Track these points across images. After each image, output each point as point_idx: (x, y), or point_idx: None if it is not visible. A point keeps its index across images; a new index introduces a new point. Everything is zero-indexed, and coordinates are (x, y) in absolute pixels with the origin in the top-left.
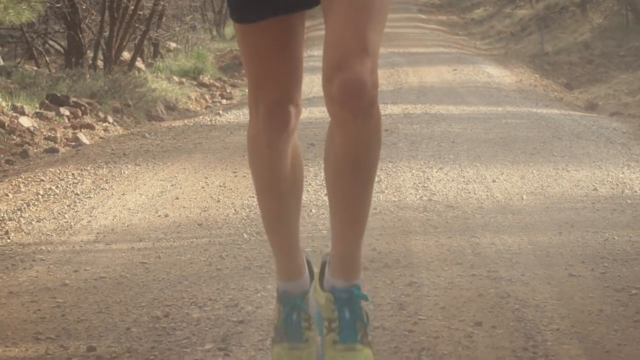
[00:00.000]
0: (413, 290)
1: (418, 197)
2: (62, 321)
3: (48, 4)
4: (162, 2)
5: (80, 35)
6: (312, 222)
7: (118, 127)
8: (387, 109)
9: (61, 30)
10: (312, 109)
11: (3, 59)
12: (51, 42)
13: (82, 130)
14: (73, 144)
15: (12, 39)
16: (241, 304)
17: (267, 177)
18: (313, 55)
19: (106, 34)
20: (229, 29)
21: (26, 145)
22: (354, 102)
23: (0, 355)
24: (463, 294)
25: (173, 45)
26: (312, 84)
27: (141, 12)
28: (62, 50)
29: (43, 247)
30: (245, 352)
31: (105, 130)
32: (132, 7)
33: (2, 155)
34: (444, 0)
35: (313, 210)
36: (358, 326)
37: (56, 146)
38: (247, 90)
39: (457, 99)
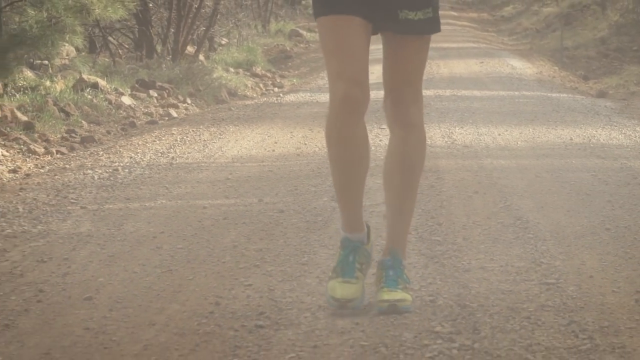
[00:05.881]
0: (439, 181)
1: (444, 141)
2: (238, 193)
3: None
4: (222, 2)
5: (150, 31)
6: None
7: (195, 108)
8: None
9: (130, 26)
10: None
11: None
12: (110, 37)
13: (169, 108)
14: (166, 118)
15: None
16: None
17: (341, 152)
18: None
19: (172, 29)
20: (274, 25)
21: (131, 118)
22: (401, 119)
23: (205, 203)
24: (469, 182)
25: (225, 40)
26: None
27: (203, 10)
28: (122, 44)
29: (202, 165)
30: None
31: (186, 109)
32: (196, 6)
33: (117, 125)
34: None
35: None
36: (400, 281)
37: (154, 119)
38: (294, 81)
39: (481, 86)
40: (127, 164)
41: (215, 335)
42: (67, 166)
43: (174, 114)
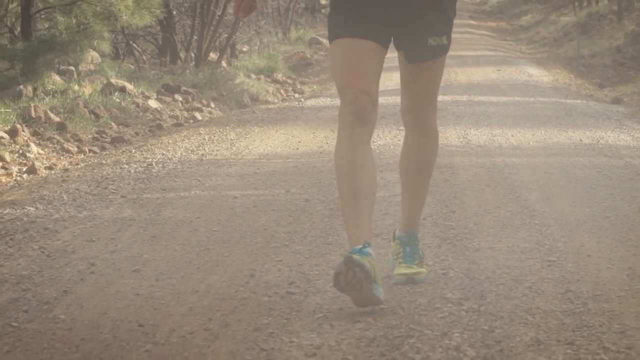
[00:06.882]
0: (453, 176)
1: (459, 141)
2: (266, 185)
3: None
4: None
5: (174, 38)
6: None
7: (219, 111)
8: (438, 98)
9: (154, 33)
10: (381, 97)
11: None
12: (134, 44)
13: (194, 112)
14: (191, 121)
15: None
16: None
17: (348, 164)
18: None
19: (196, 37)
20: (294, 32)
21: (158, 120)
22: (420, 126)
23: (235, 193)
24: (481, 177)
25: (246, 47)
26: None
27: (225, 18)
28: (145, 51)
29: (230, 161)
30: None
31: (210, 113)
32: (219, 14)
33: (144, 127)
34: (494, 7)
35: (378, 142)
36: (415, 257)
37: (180, 122)
38: (314, 87)
39: (497, 92)
40: (160, 160)
41: (251, 300)
42: (103, 162)
43: (199, 117)
